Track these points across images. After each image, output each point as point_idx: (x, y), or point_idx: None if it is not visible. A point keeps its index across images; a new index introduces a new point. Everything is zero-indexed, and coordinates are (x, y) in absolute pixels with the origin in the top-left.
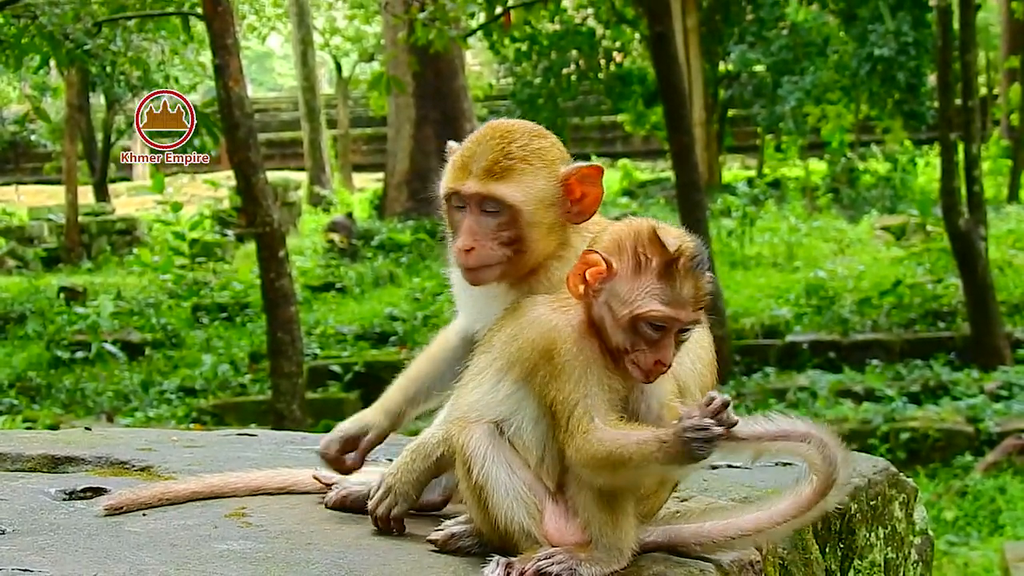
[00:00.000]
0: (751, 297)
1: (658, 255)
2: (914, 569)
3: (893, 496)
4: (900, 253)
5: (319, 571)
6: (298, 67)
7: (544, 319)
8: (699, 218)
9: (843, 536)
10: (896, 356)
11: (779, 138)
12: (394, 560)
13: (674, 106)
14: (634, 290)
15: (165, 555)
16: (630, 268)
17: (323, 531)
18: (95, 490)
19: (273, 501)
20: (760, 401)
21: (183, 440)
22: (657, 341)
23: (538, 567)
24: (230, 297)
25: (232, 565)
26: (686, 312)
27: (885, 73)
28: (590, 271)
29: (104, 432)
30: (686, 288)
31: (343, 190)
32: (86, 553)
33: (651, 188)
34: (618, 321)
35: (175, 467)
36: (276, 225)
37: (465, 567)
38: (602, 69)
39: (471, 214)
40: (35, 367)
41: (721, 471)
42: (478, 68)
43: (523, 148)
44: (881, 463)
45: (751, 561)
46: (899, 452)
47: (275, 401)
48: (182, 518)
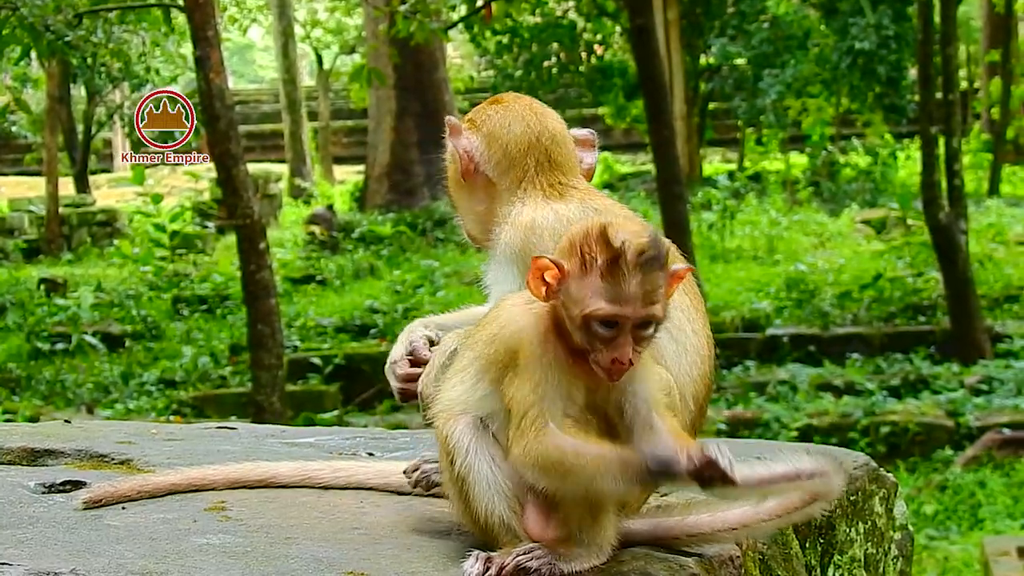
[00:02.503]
0: (731, 290)
1: (603, 253)
2: (894, 564)
3: (873, 491)
4: (880, 247)
5: (298, 565)
6: (279, 59)
7: (514, 320)
8: (679, 211)
9: (823, 531)
10: (876, 350)
11: (760, 131)
12: (373, 554)
13: (654, 99)
14: (582, 290)
15: (144, 548)
16: (578, 268)
17: (303, 525)
18: (74, 483)
19: (253, 495)
20: (740, 395)
21: (162, 433)
22: (612, 339)
23: (517, 562)
24: (210, 289)
25: (211, 559)
26: (634, 309)
27: (866, 66)
28: (547, 273)
29: (83, 425)
30: (632, 285)
31: (324, 182)
32: (65, 546)
33: (632, 181)
34: (573, 322)
35: (155, 460)
36: (256, 217)
37: (444, 560)
38: (583, 62)
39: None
40: (15, 359)
41: None
42: (459, 61)
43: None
44: (861, 458)
45: (731, 556)
46: (879, 446)
47: (255, 393)
48: (161, 512)
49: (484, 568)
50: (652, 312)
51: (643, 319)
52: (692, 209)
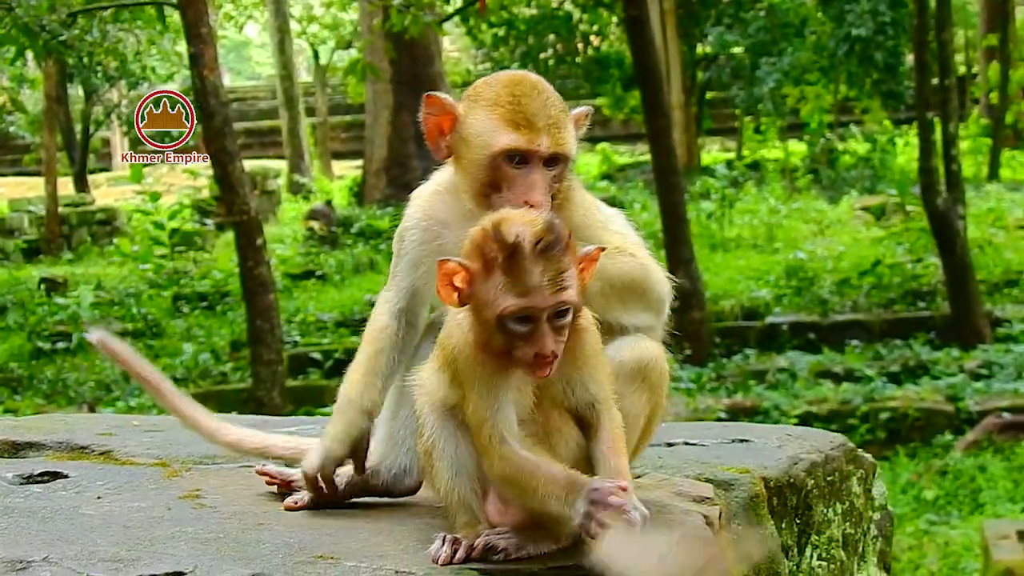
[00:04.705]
0: (731, 279)
1: (501, 249)
2: (874, 544)
3: (851, 472)
4: (880, 233)
5: (268, 550)
6: (275, 55)
7: (447, 335)
8: (677, 201)
9: (800, 512)
10: (876, 336)
11: (758, 120)
12: (345, 539)
13: (650, 89)
14: (489, 290)
15: (117, 536)
16: (481, 269)
17: (276, 512)
18: (52, 474)
19: (228, 483)
20: (740, 383)
21: (145, 424)
22: (530, 334)
23: (487, 541)
24: (210, 286)
25: (182, 546)
26: (543, 298)
27: (863, 53)
28: (456, 278)
29: (65, 418)
30: (535, 275)
31: (322, 178)
32: (39, 535)
33: (630, 172)
34: (488, 325)
35: (135, 451)
36: (253, 213)
37: (415, 545)
38: (580, 53)
39: (536, 170)
40: (16, 358)
41: (677, 448)
42: (456, 54)
43: (557, 100)
44: (839, 439)
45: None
46: (879, 432)
47: (255, 389)
48: (137, 500)
49: (452, 550)
50: (563, 299)
51: (555, 307)
52: (691, 199)
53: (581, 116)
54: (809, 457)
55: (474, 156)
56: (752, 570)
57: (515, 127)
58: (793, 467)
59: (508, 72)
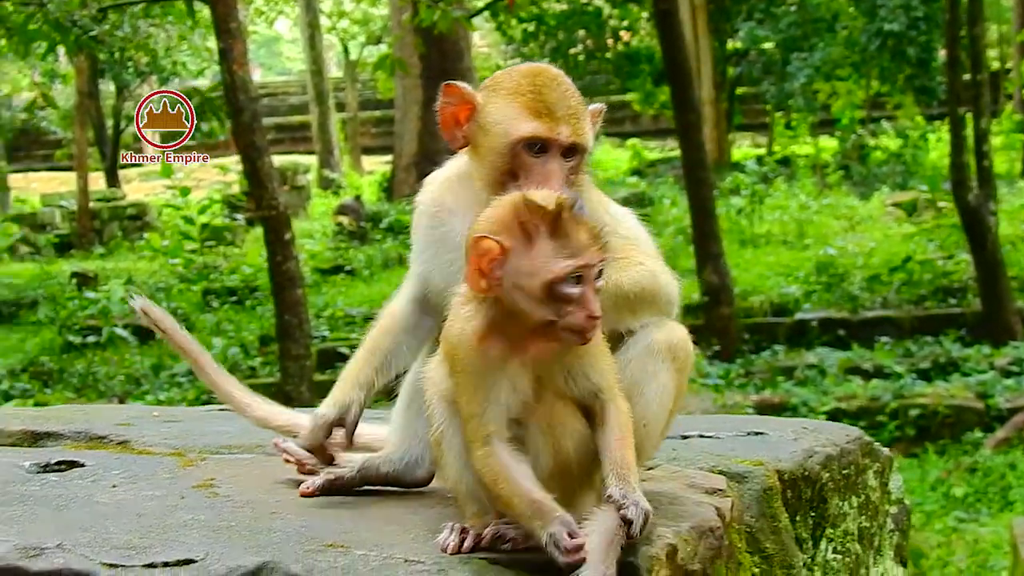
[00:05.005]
0: (760, 275)
1: (541, 217)
2: (890, 538)
3: (867, 465)
4: (911, 229)
5: (279, 538)
6: (306, 51)
7: (449, 330)
8: (706, 196)
9: (815, 505)
10: (906, 333)
11: (789, 115)
12: (355, 528)
13: (680, 85)
14: (536, 258)
15: (130, 524)
16: (522, 240)
17: (289, 501)
18: (69, 463)
19: (242, 472)
20: (768, 379)
21: (164, 415)
22: (580, 296)
23: (496, 531)
24: (240, 281)
25: (194, 534)
26: (591, 255)
27: (895, 48)
28: (484, 261)
29: (85, 408)
30: (581, 235)
31: (352, 173)
32: (53, 523)
33: (660, 167)
34: (533, 295)
35: (152, 441)
36: (282, 208)
37: (425, 534)
38: (610, 48)
39: (554, 159)
40: (47, 352)
41: (692, 440)
42: (486, 50)
43: (576, 92)
44: (854, 432)
45: (711, 527)
46: (908, 429)
47: (284, 383)
48: (151, 488)
49: (460, 539)
50: (604, 255)
51: (599, 265)
52: (721, 194)
53: (596, 112)
54: (824, 450)
55: (493, 144)
56: (766, 562)
57: (536, 115)
58: (808, 460)
59: (528, 64)
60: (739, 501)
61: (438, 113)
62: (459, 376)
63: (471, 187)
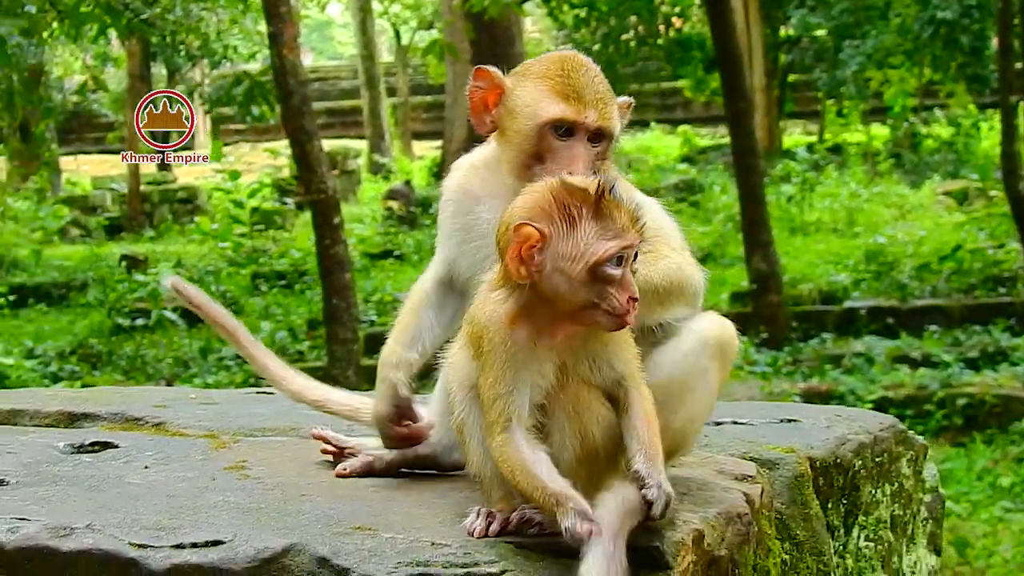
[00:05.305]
0: (810, 263)
1: (584, 200)
2: (924, 526)
3: (900, 453)
4: (961, 218)
5: (308, 520)
6: (357, 35)
7: (477, 312)
8: (756, 184)
9: (847, 492)
10: (955, 322)
11: (841, 103)
12: (384, 511)
13: (730, 72)
14: (580, 242)
15: (161, 505)
16: (564, 225)
17: (319, 484)
18: (103, 444)
19: (274, 455)
20: (816, 367)
21: (201, 397)
22: (621, 278)
23: (522, 515)
24: (289, 264)
25: (223, 515)
26: (632, 235)
27: (948, 36)
28: (525, 247)
29: (123, 390)
30: (622, 216)
31: (402, 158)
32: (84, 503)
33: (711, 154)
34: (576, 279)
35: (187, 423)
36: (331, 192)
37: (453, 518)
38: (661, 35)
39: (580, 143)
40: (96, 334)
41: (725, 427)
42: (537, 35)
43: (604, 79)
44: (888, 420)
45: (739, 514)
46: (956, 418)
47: (331, 367)
48: (183, 470)
49: (486, 523)
50: (643, 236)
51: (638, 247)
52: (771, 182)
53: (624, 104)
54: (857, 438)
55: (520, 127)
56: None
57: (564, 98)
58: (840, 447)
59: (557, 51)
60: (769, 488)
61: (467, 97)
62: (485, 359)
63: (498, 174)
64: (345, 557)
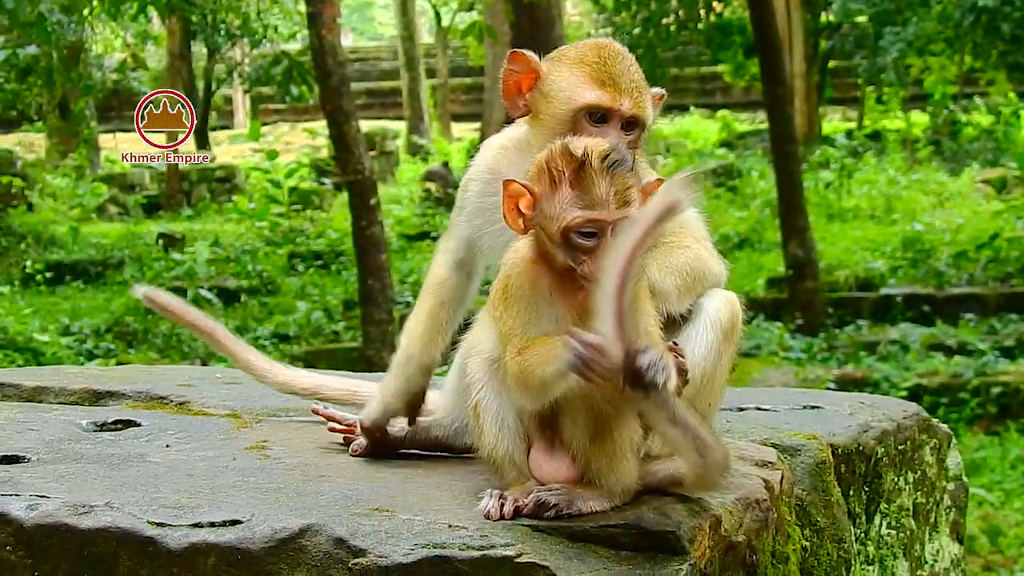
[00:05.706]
0: (847, 250)
1: (568, 164)
2: (946, 514)
3: (924, 441)
4: (1000, 206)
5: (326, 501)
6: (398, 16)
7: (509, 254)
8: (793, 170)
9: (869, 479)
10: (991, 310)
11: (880, 90)
12: (402, 492)
13: (770, 57)
14: (555, 205)
15: (180, 484)
16: (548, 186)
17: (339, 465)
18: (125, 422)
19: (295, 435)
20: (851, 354)
21: (226, 377)
22: (595, 248)
23: (538, 497)
24: (325, 245)
25: (242, 495)
26: (608, 211)
27: (989, 24)
28: (521, 202)
29: (149, 369)
30: (603, 188)
31: (441, 139)
32: (104, 481)
33: (750, 139)
34: (553, 240)
35: (211, 403)
36: (367, 173)
37: (470, 500)
38: (702, 19)
39: (613, 130)
40: (132, 312)
41: (748, 413)
42: (577, 18)
43: (639, 68)
44: (912, 407)
45: (757, 500)
46: (990, 406)
47: (365, 348)
48: (204, 449)
49: (499, 505)
50: (628, 214)
51: (620, 221)
52: (810, 168)
53: (657, 96)
54: (880, 425)
55: (554, 111)
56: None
57: (600, 85)
58: (863, 435)
59: (594, 38)
60: (790, 474)
61: (502, 80)
62: (508, 299)
63: (527, 156)
64: (362, 538)
